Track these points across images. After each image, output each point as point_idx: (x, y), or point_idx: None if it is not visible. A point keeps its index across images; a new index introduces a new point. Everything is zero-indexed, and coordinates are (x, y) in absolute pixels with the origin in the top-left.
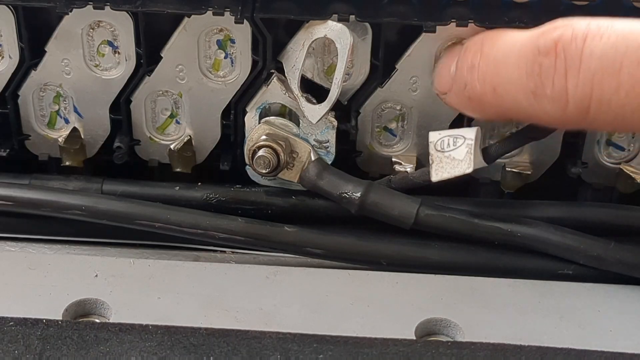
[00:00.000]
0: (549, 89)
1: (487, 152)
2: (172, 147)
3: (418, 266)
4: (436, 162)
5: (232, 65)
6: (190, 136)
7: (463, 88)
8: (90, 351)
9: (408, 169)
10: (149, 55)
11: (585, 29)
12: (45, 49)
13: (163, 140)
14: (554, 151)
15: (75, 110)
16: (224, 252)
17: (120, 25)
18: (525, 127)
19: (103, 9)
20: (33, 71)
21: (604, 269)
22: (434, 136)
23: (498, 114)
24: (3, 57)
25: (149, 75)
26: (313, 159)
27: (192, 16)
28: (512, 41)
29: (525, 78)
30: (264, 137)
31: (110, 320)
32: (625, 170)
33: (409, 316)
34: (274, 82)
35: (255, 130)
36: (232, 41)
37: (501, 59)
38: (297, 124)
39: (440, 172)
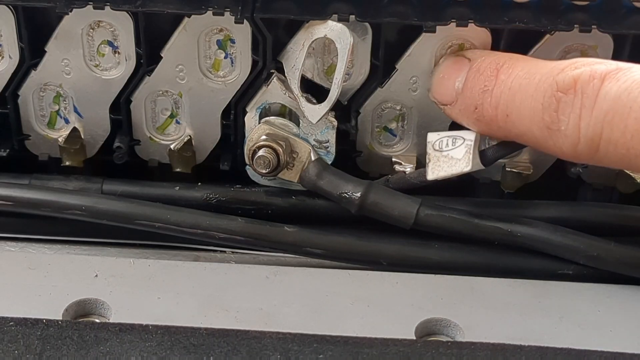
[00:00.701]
0: (563, 125)
1: (485, 155)
2: (172, 147)
3: (418, 266)
4: (433, 160)
5: (232, 65)
6: (190, 136)
7: (472, 109)
8: (90, 351)
9: (408, 169)
10: (149, 55)
11: (604, 70)
12: (45, 49)
13: (163, 140)
14: None
15: (75, 110)
16: (224, 252)
17: (120, 25)
18: None
19: (103, 9)
20: (33, 71)
21: (604, 269)
22: (432, 137)
23: (506, 137)
24: (3, 57)
25: (149, 75)
26: (313, 159)
27: (192, 16)
28: (530, 72)
29: (541, 111)
30: (264, 137)
31: (110, 320)
32: (625, 170)
33: (409, 316)
34: (274, 82)
35: (255, 130)
36: (232, 41)
37: (517, 88)
38: (297, 124)
39: (436, 170)
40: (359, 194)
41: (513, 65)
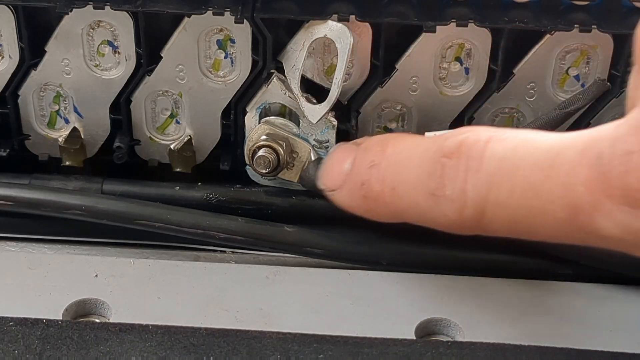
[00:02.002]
0: (449, 190)
1: None
2: (172, 147)
3: (418, 266)
4: None
5: (232, 65)
6: (190, 136)
7: (359, 186)
8: (90, 351)
9: None
10: (149, 55)
11: (490, 133)
12: (45, 49)
13: (163, 140)
14: None
15: (75, 110)
16: (224, 252)
17: (120, 25)
18: (522, 127)
19: (103, 9)
20: (33, 71)
21: (604, 269)
22: (429, 136)
23: (393, 214)
24: (3, 57)
25: (149, 75)
26: (313, 159)
27: (192, 16)
28: (416, 143)
29: (427, 178)
30: (264, 137)
31: (110, 320)
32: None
33: (409, 316)
34: (274, 82)
35: (255, 130)
36: (232, 41)
37: (403, 159)
38: (297, 124)
39: None
40: None
41: (401, 139)
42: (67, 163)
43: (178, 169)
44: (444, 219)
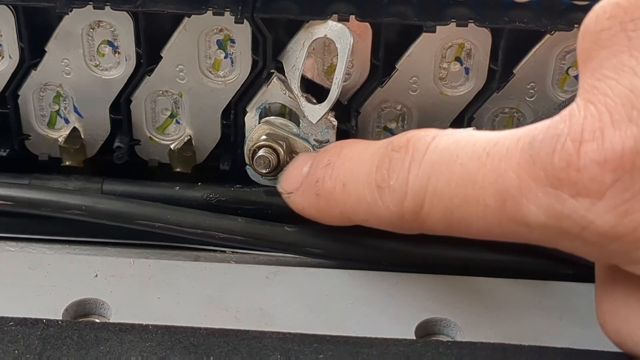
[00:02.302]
0: (393, 180)
1: None
2: (172, 147)
3: (418, 266)
4: None
5: (232, 65)
6: (190, 136)
7: (313, 184)
8: (90, 351)
9: None
10: (149, 55)
11: (436, 130)
12: (45, 49)
13: (163, 140)
14: None
15: (75, 110)
16: (224, 252)
17: (120, 25)
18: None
19: (103, 9)
20: (33, 71)
21: None
22: None
23: (341, 212)
24: (3, 57)
25: (149, 75)
26: None
27: (192, 16)
28: (370, 143)
29: (375, 172)
30: (264, 137)
31: (110, 320)
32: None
33: (409, 316)
34: (274, 82)
35: (255, 130)
36: (232, 41)
37: (357, 157)
38: (297, 124)
39: None
40: None
41: (357, 142)
42: (67, 163)
43: (178, 169)
44: (386, 211)
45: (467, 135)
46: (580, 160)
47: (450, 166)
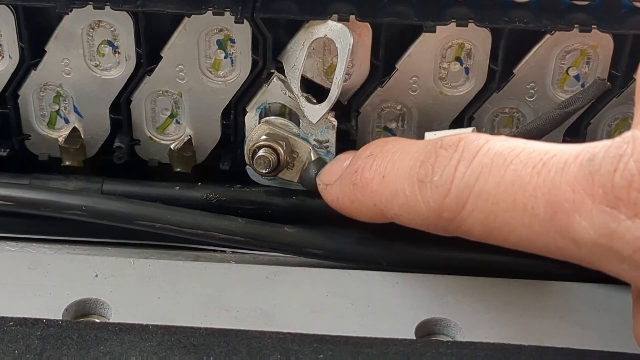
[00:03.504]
0: (437, 176)
1: None
2: (172, 147)
3: (418, 266)
4: None
5: (232, 65)
6: (190, 136)
7: (352, 173)
8: (90, 351)
9: None
10: (149, 55)
11: (490, 136)
12: (45, 49)
13: (163, 140)
14: None
15: (75, 110)
16: (224, 252)
17: (120, 25)
18: (522, 127)
19: (103, 8)
20: (33, 71)
21: None
22: (429, 136)
23: (376, 204)
24: (3, 57)
25: (149, 75)
26: (313, 158)
27: (192, 16)
28: (415, 141)
29: (419, 166)
30: (264, 137)
31: (110, 320)
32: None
33: (409, 316)
34: (274, 82)
35: (255, 130)
36: (232, 41)
37: (400, 151)
38: (297, 124)
39: None
40: None
41: (402, 139)
42: (67, 163)
43: (178, 169)
44: (425, 207)
45: (523, 143)
46: None
47: (501, 170)
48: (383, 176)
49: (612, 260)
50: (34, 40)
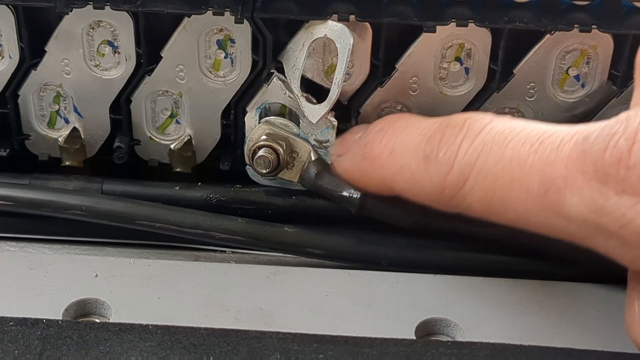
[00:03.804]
0: (441, 153)
1: None
2: (172, 147)
3: (418, 266)
4: None
5: (232, 65)
6: (190, 136)
7: (363, 146)
8: (90, 351)
9: None
10: (149, 55)
11: (495, 116)
12: (45, 49)
13: (163, 140)
14: None
15: (75, 110)
16: (224, 252)
17: (120, 25)
18: None
19: (103, 8)
20: (33, 71)
21: (603, 268)
22: None
23: (383, 178)
24: (3, 57)
25: (149, 75)
26: (313, 158)
27: (192, 16)
28: (425, 118)
29: (425, 142)
30: (264, 137)
31: (110, 320)
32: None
33: (409, 316)
34: (274, 82)
35: (255, 130)
36: (232, 41)
37: (409, 128)
38: (297, 124)
39: None
40: (359, 194)
41: (413, 116)
42: (67, 163)
43: (178, 169)
44: (428, 182)
45: (524, 123)
46: (631, 158)
47: (501, 148)
48: (392, 151)
49: (601, 237)
50: (34, 40)
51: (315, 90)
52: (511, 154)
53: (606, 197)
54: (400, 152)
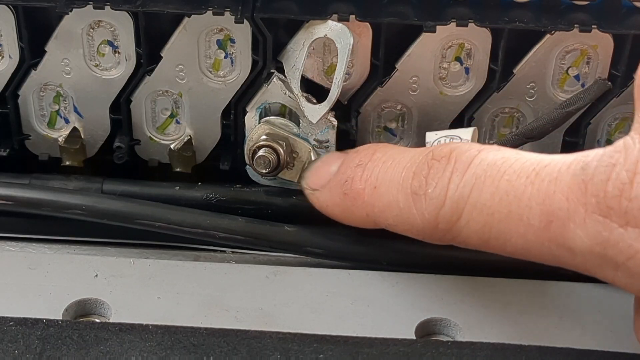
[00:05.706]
0: (430, 188)
1: None
2: (172, 147)
3: (418, 266)
4: None
5: (232, 65)
6: (190, 136)
7: (342, 182)
8: (90, 351)
9: None
10: (149, 55)
11: (482, 146)
12: (45, 49)
13: (163, 140)
14: (553, 151)
15: (75, 110)
16: (224, 252)
17: (121, 25)
18: (524, 127)
19: (103, 8)
20: (33, 71)
21: None
22: (430, 136)
23: (368, 214)
24: (3, 57)
25: (149, 75)
26: (313, 158)
27: (192, 16)
28: (406, 149)
29: (411, 178)
30: (264, 137)
31: (110, 320)
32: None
33: (409, 316)
34: (274, 81)
35: (255, 130)
36: (232, 41)
37: (391, 161)
38: (297, 124)
39: None
40: None
41: (390, 146)
42: (67, 163)
43: (178, 169)
44: (419, 218)
45: (515, 153)
46: (633, 190)
47: (495, 181)
48: (375, 187)
49: (607, 268)
50: (34, 40)
51: (315, 90)
52: (507, 186)
53: (610, 230)
54: (385, 188)
